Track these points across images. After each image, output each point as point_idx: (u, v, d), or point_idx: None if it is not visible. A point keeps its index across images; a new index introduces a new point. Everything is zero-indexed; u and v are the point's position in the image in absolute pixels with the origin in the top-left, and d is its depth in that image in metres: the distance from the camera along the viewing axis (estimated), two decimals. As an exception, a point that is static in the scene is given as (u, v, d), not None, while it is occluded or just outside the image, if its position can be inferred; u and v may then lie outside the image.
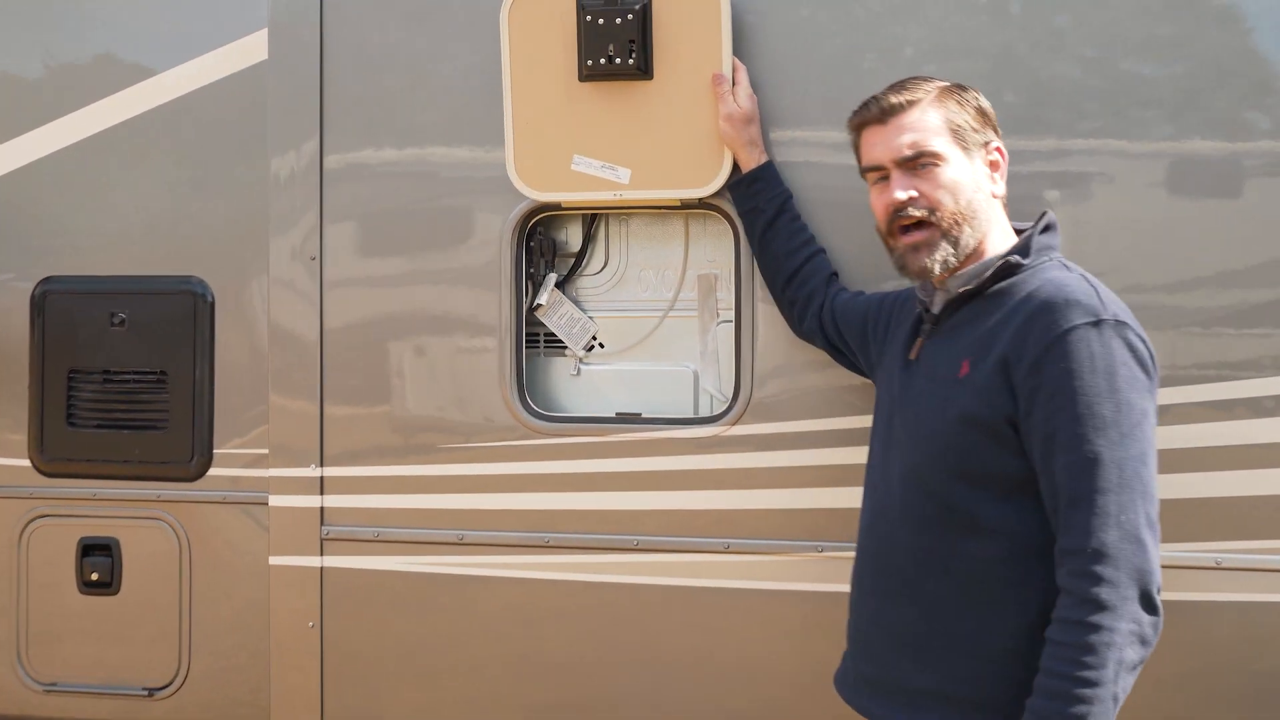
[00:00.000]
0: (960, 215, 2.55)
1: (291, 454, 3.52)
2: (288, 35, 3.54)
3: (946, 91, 2.61)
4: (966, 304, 2.58)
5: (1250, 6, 3.04)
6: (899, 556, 2.58)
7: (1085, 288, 2.44)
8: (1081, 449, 2.31)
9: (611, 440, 3.34)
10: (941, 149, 2.56)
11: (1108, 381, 2.33)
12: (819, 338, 3.10)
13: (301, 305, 3.52)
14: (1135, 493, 2.30)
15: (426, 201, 3.45)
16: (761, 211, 3.14)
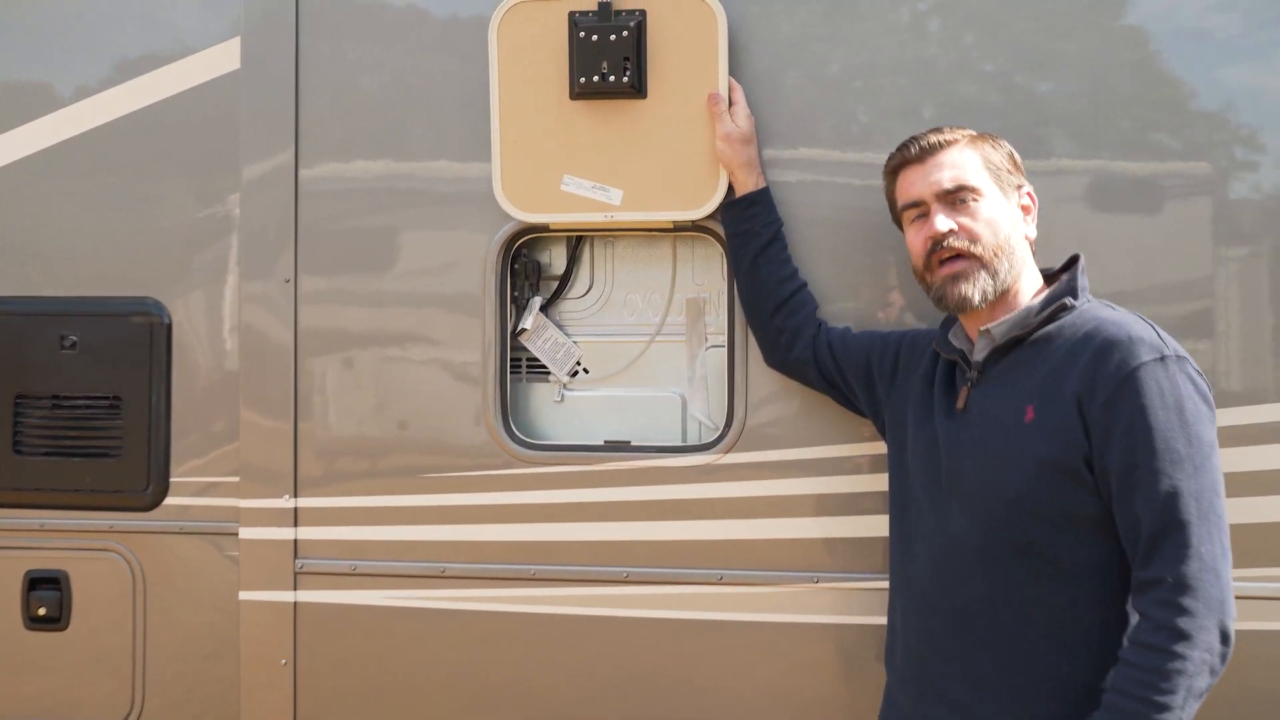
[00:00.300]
0: (1000, 249, 2.62)
1: (264, 484, 3.38)
2: (262, 44, 3.39)
3: (980, 136, 2.72)
4: (1013, 350, 2.63)
5: (1155, 27, 3.05)
6: (974, 604, 2.60)
7: (1144, 325, 2.51)
8: (1160, 483, 2.37)
9: (600, 469, 3.25)
10: (981, 184, 2.64)
11: (1179, 416, 2.39)
12: (809, 368, 3.06)
13: (275, 328, 3.37)
14: (1212, 524, 2.36)
15: (408, 222, 3.34)
16: (756, 235, 3.07)
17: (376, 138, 3.34)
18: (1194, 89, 3.04)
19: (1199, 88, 3.04)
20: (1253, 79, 3.00)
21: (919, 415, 2.79)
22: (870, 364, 2.97)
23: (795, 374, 3.10)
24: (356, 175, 3.35)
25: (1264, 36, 3.01)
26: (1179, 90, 3.05)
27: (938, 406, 2.75)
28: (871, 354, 2.97)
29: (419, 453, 3.33)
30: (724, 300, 3.30)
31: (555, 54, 3.16)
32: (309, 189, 3.36)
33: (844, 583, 3.15)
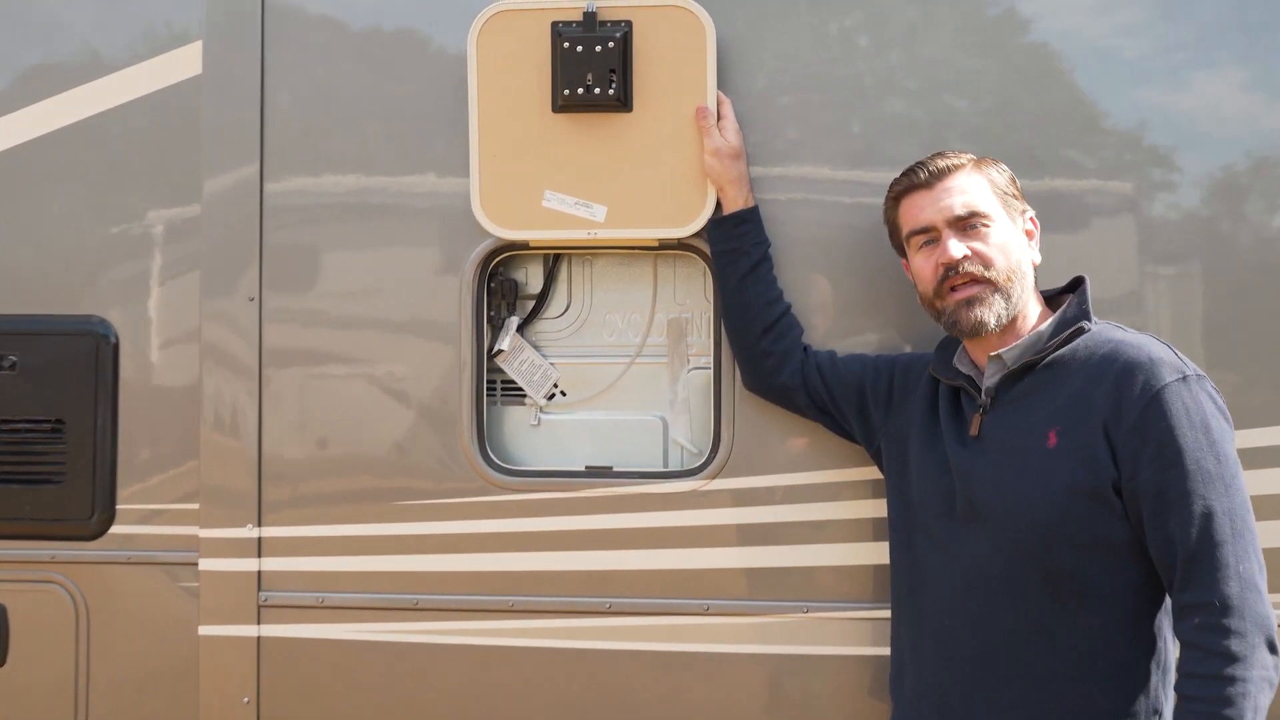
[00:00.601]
0: (1012, 273, 2.60)
1: (226, 513, 3.21)
2: (224, 48, 3.23)
3: (983, 160, 2.70)
4: (1026, 374, 2.60)
5: (1063, 46, 3.03)
6: (1000, 635, 2.55)
7: (1161, 346, 2.52)
8: (1193, 504, 2.36)
9: (581, 496, 3.13)
10: (991, 210, 2.63)
11: (1206, 435, 2.39)
12: (798, 394, 2.97)
13: (238, 348, 3.21)
14: (1247, 540, 2.36)
15: (380, 238, 3.19)
16: (746, 254, 2.98)
17: (347, 150, 3.20)
18: (1104, 109, 3.02)
19: (1109, 107, 3.02)
20: (1162, 100, 3.00)
21: (923, 443, 2.73)
22: (864, 390, 2.91)
23: (781, 399, 3.01)
24: (325, 189, 3.20)
25: (1173, 59, 2.99)
26: (1089, 110, 3.02)
27: (946, 433, 2.69)
28: (865, 379, 2.91)
29: (391, 479, 3.18)
30: (707, 321, 3.21)
31: (537, 65, 3.05)
32: (274, 203, 3.21)
33: (835, 612, 3.06)
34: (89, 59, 3.35)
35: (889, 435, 2.84)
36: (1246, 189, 3.00)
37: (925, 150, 2.85)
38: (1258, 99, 3.01)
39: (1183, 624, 2.38)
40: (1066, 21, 3.04)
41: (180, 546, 3.28)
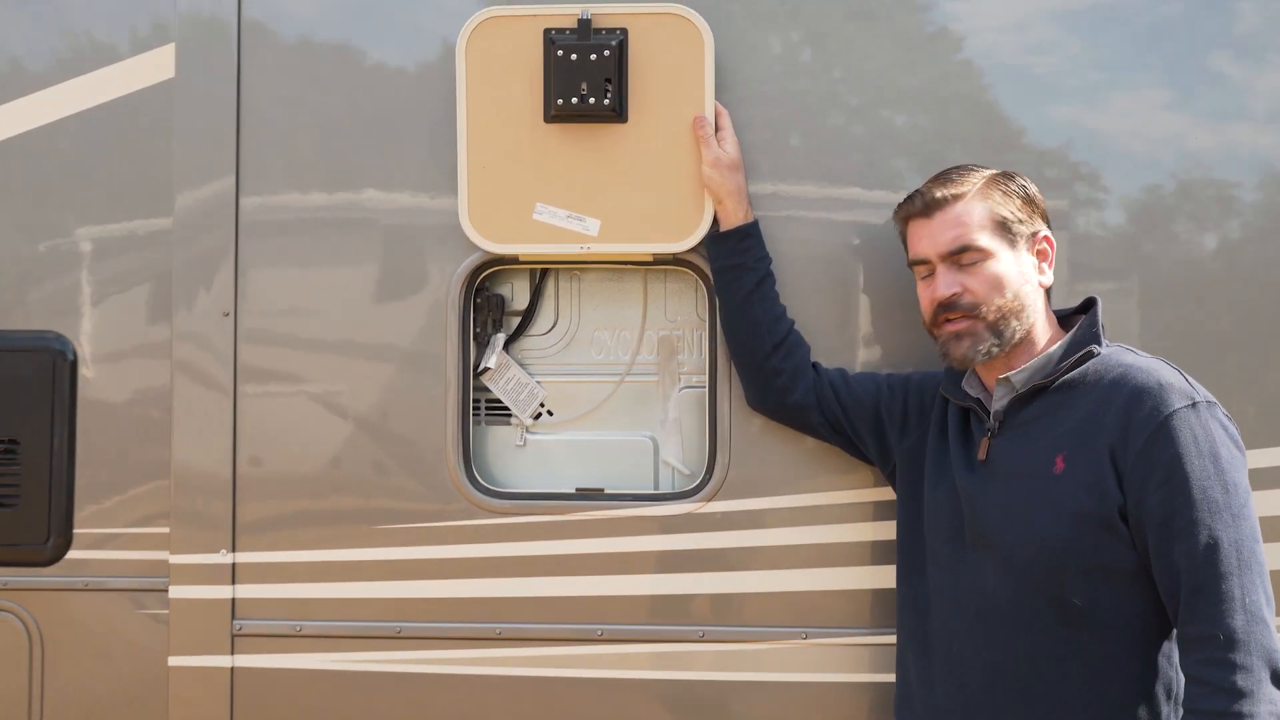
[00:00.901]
0: (1006, 309, 2.54)
1: (198, 537, 3.07)
2: (198, 52, 3.09)
3: (992, 182, 2.60)
4: (1035, 398, 2.54)
5: (987, 63, 3.00)
6: (1009, 662, 2.50)
7: (1171, 370, 2.45)
8: (1199, 534, 2.29)
9: (572, 519, 3.02)
10: (986, 244, 2.55)
11: (1214, 463, 2.32)
12: (812, 413, 2.88)
13: (211, 367, 3.07)
14: (1254, 573, 2.28)
15: (362, 252, 3.07)
16: (750, 270, 2.89)
17: (327, 160, 3.07)
18: (1022, 126, 2.99)
19: (1026, 125, 2.99)
20: (1077, 118, 2.98)
21: (935, 467, 2.67)
22: (879, 409, 2.84)
23: (793, 419, 2.92)
24: (304, 201, 3.07)
25: (1087, 78, 2.97)
26: (1008, 127, 2.99)
27: (954, 457, 2.64)
28: (880, 399, 2.84)
29: (372, 501, 3.06)
30: (699, 339, 3.12)
31: (528, 73, 2.94)
32: (251, 215, 3.07)
33: (835, 639, 2.98)
34: (51, 62, 3.20)
35: (903, 456, 2.78)
36: (1171, 209, 2.98)
37: (865, 166, 2.92)
38: (1180, 119, 2.99)
39: (1188, 657, 2.31)
40: (992, 39, 3.00)
41: (148, 572, 3.14)
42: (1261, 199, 2.97)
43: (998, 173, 2.63)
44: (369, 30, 3.09)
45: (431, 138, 3.03)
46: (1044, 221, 2.63)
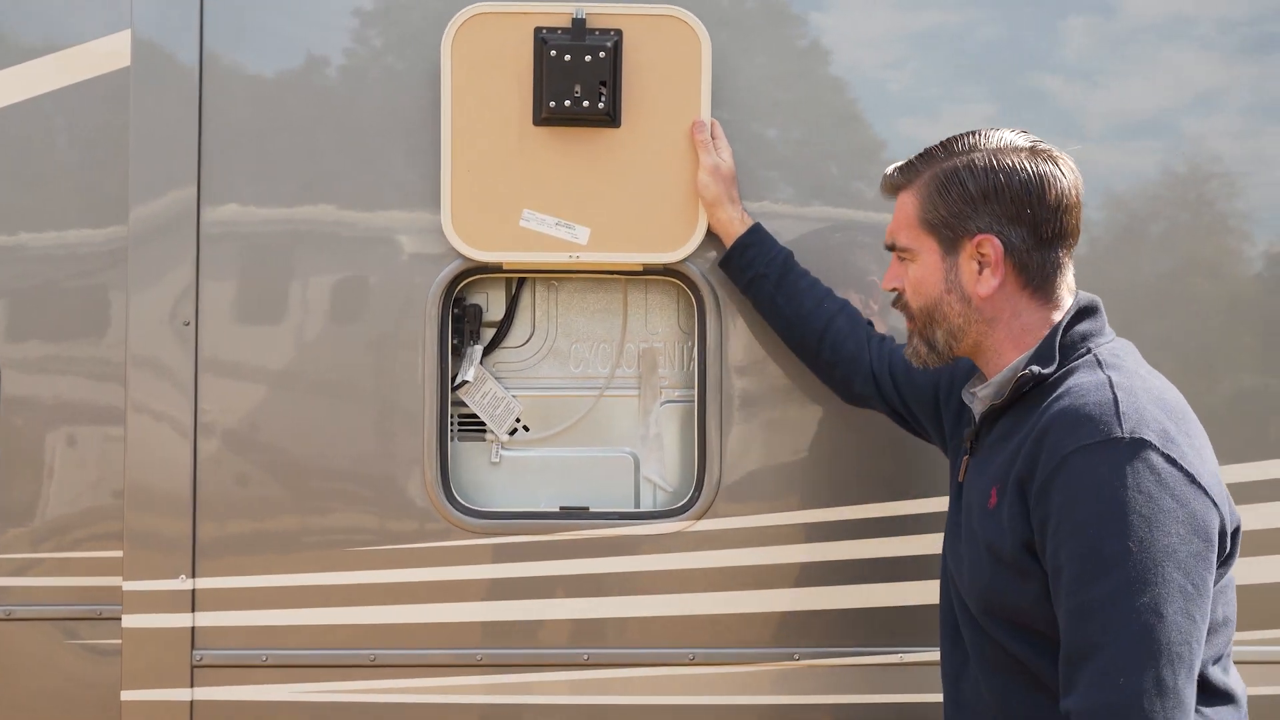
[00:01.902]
0: (929, 315, 2.29)
1: (154, 562, 2.86)
2: (155, 43, 2.88)
3: (936, 176, 2.25)
4: (1000, 418, 2.25)
5: (853, 76, 2.99)
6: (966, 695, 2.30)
7: (1104, 397, 2.05)
8: (1079, 595, 1.97)
9: (556, 539, 2.90)
10: (910, 244, 2.30)
11: (1116, 513, 1.96)
12: (876, 403, 2.75)
13: (169, 379, 2.86)
14: (1142, 651, 1.92)
15: (334, 260, 2.90)
16: (764, 277, 2.80)
17: (298, 162, 2.89)
18: (883, 139, 2.98)
19: (887, 138, 2.98)
20: (921, 133, 2.94)
21: (951, 477, 2.48)
22: (938, 401, 2.61)
23: (870, 408, 2.80)
24: (272, 203, 2.89)
25: (929, 93, 2.98)
26: (873, 140, 2.97)
27: (953, 475, 2.45)
28: (939, 388, 2.61)
29: (344, 523, 2.90)
30: (682, 351, 3.03)
31: (517, 73, 2.82)
32: (214, 223, 2.88)
33: (826, 659, 2.92)
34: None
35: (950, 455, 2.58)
36: None
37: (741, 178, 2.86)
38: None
39: None
40: (855, 55, 2.97)
41: (98, 600, 2.94)
42: (1100, 217, 2.97)
43: (957, 164, 2.23)
44: (345, 27, 2.91)
45: (408, 140, 2.87)
46: (1006, 220, 2.19)
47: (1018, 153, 2.21)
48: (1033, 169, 2.19)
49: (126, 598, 2.86)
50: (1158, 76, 3.01)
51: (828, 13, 2.98)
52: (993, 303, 2.23)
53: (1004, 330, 2.26)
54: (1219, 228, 3.04)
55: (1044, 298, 2.24)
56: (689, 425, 3.01)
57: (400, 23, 2.91)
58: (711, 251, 2.91)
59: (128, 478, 2.86)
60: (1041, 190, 2.18)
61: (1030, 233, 2.19)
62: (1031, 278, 2.22)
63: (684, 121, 2.84)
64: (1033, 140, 2.24)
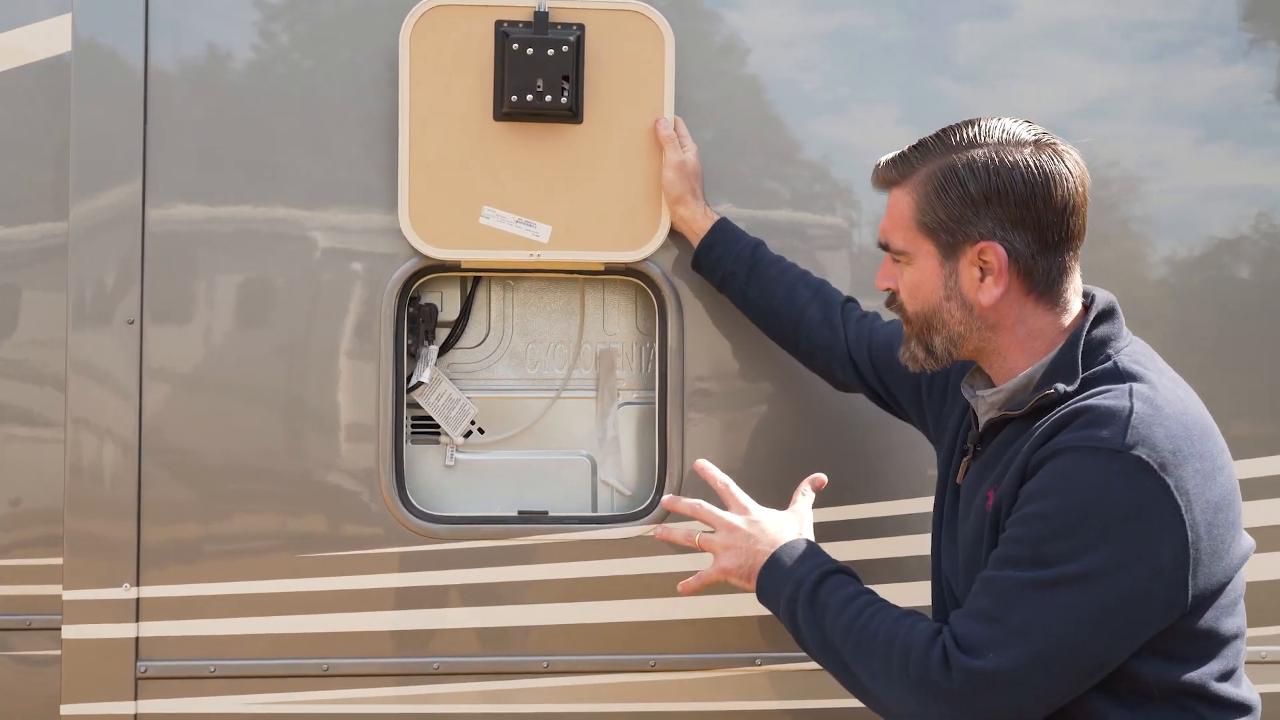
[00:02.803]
0: (927, 320, 2.16)
1: (96, 569, 2.75)
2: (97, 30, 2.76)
3: (934, 174, 2.10)
4: (1008, 424, 2.14)
5: (766, 77, 2.95)
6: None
7: (1120, 405, 1.96)
8: (998, 570, 1.96)
9: (515, 544, 2.84)
10: (905, 246, 2.15)
11: (1077, 521, 1.90)
12: (860, 387, 2.69)
13: (112, 380, 2.75)
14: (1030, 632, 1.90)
15: (286, 258, 2.81)
16: (734, 274, 2.75)
17: (248, 154, 2.79)
18: (798, 140, 2.96)
19: (801, 139, 2.96)
20: (836, 134, 2.97)
21: (942, 479, 2.38)
22: (921, 391, 2.52)
23: (857, 391, 2.74)
24: (220, 198, 2.79)
25: (839, 93, 2.96)
26: (788, 141, 2.95)
27: (948, 474, 2.34)
28: (922, 378, 2.49)
29: (295, 529, 2.81)
30: (641, 352, 2.99)
31: (478, 67, 2.75)
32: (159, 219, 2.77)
33: (787, 664, 2.88)
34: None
35: (938, 453, 2.47)
36: None
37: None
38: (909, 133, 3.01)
39: None
40: (769, 54, 2.94)
41: (35, 609, 2.82)
42: None
43: (957, 162, 2.08)
44: (298, 15, 2.83)
45: (363, 135, 2.79)
46: (1009, 225, 2.06)
47: (1021, 148, 2.06)
48: (1037, 167, 2.04)
49: (66, 607, 2.74)
50: (1054, 80, 3.01)
51: (741, 10, 2.94)
52: (996, 310, 2.11)
53: (1008, 335, 2.14)
54: (1119, 232, 3.05)
55: (1050, 302, 2.12)
56: (646, 427, 2.96)
57: (355, 13, 2.82)
58: (674, 250, 2.86)
59: (68, 482, 2.75)
60: (1048, 191, 2.04)
61: (1035, 238, 2.06)
62: (1036, 284, 2.09)
63: (647, 118, 2.79)
64: (1037, 133, 2.09)
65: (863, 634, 2.07)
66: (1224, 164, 3.06)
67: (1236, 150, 3.08)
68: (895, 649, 2.02)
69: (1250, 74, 3.07)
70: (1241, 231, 3.06)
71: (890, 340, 2.56)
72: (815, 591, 2.18)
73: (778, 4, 2.94)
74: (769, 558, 2.25)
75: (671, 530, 2.46)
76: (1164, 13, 3.05)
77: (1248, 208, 3.06)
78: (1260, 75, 3.07)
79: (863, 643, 2.07)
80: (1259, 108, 3.07)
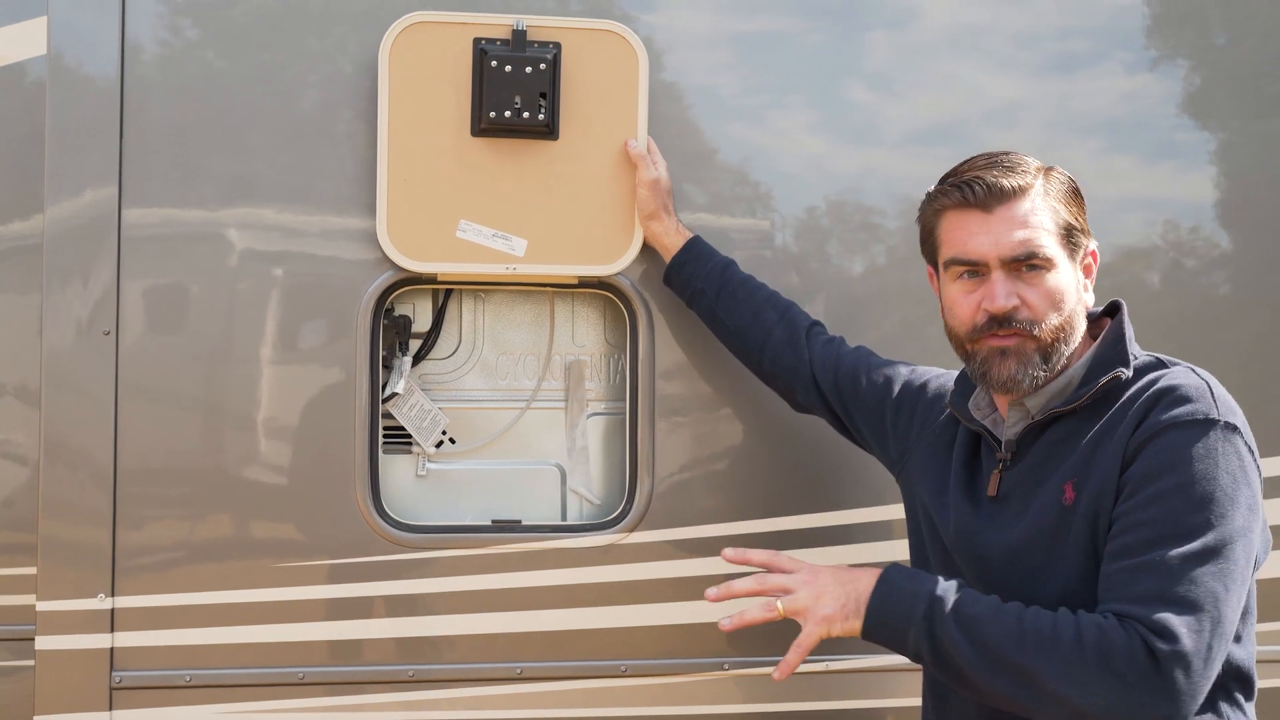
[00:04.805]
0: (1062, 329, 2.19)
1: (71, 580, 2.74)
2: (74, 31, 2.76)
3: (1050, 173, 2.23)
4: (1053, 423, 2.22)
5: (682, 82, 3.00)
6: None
7: (1197, 382, 2.12)
8: (1151, 554, 2.00)
9: (488, 552, 2.88)
10: (1054, 253, 2.19)
11: (1204, 488, 2.01)
12: (821, 411, 2.76)
13: (88, 390, 2.75)
14: (1202, 614, 1.97)
15: (265, 270, 2.83)
16: (703, 292, 2.82)
17: (226, 165, 2.81)
18: (714, 145, 3.02)
19: (715, 144, 3.02)
20: (751, 137, 3.03)
21: (934, 491, 2.40)
22: (885, 417, 2.59)
23: (817, 414, 2.80)
24: (198, 208, 2.80)
25: (758, 99, 3.03)
26: (704, 145, 3.00)
27: (956, 485, 2.35)
28: (886, 404, 2.59)
29: (270, 538, 2.83)
30: (610, 363, 3.05)
31: (455, 83, 2.80)
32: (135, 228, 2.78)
33: (750, 669, 2.95)
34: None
35: (906, 476, 2.52)
36: (825, 230, 3.06)
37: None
38: (825, 140, 3.09)
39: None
40: (686, 57, 2.99)
41: (9, 620, 2.80)
42: (898, 226, 3.05)
43: (1047, 165, 2.25)
44: (275, 24, 2.85)
45: (344, 144, 2.83)
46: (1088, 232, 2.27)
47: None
48: None
49: (41, 618, 2.74)
50: (954, 88, 3.09)
51: (657, 13, 2.97)
52: (1084, 314, 2.27)
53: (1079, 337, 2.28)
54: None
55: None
56: (615, 438, 3.02)
57: (336, 25, 2.85)
58: (645, 264, 2.92)
59: (43, 492, 2.74)
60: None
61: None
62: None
63: (621, 135, 2.85)
64: None
65: (1040, 637, 2.02)
66: (1131, 174, 3.16)
67: (1143, 161, 3.18)
68: (1087, 648, 1.98)
69: (1158, 85, 3.17)
70: (1151, 241, 3.17)
71: (856, 367, 2.67)
72: (959, 603, 2.10)
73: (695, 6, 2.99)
74: (879, 581, 2.15)
75: (745, 613, 2.24)
76: (1070, 22, 3.14)
77: (1156, 217, 3.17)
78: (1167, 87, 3.18)
79: (1043, 646, 2.01)
80: (1167, 119, 3.18)
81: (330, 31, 2.86)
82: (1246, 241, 3.21)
